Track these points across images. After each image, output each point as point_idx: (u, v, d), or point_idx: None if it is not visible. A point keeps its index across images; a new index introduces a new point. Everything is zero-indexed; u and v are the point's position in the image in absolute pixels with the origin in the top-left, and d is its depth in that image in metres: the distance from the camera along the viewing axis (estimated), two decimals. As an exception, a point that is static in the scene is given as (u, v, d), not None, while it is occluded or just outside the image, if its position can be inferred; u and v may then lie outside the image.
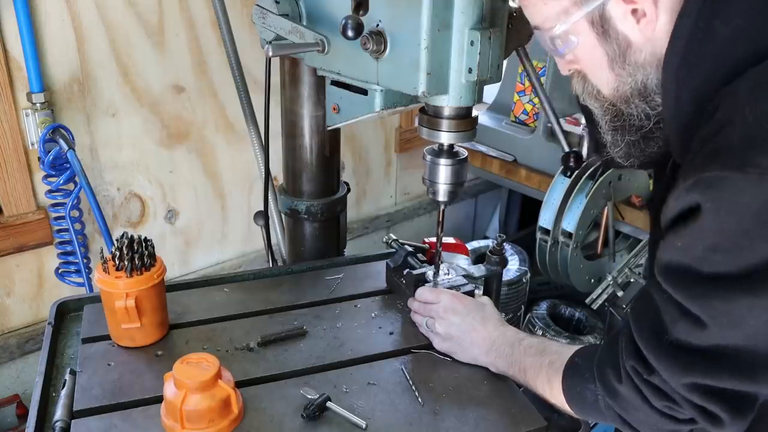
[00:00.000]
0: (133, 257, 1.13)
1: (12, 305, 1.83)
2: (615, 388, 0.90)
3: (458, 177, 1.18)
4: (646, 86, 0.87)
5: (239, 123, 1.98)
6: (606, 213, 2.09)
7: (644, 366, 0.85)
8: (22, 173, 1.71)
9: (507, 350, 1.12)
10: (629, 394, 0.88)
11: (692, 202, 0.75)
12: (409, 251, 1.40)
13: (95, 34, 1.75)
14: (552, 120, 1.30)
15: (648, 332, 0.85)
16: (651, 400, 0.86)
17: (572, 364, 1.01)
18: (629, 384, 0.88)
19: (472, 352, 1.16)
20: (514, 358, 1.10)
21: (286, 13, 1.20)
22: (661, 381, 0.84)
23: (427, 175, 1.19)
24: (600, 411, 0.95)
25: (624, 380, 0.88)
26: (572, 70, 0.96)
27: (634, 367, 0.86)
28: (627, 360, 0.87)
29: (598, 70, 0.90)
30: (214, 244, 2.22)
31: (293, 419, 1.02)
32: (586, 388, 0.96)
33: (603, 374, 0.92)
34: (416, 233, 2.77)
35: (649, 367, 0.84)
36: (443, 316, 1.19)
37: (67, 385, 1.07)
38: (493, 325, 1.17)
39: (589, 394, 0.95)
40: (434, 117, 1.11)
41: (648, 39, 0.83)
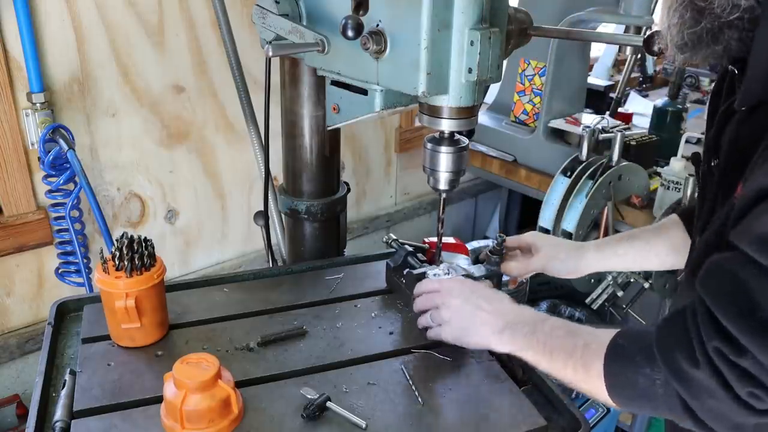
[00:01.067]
0: (133, 257, 1.13)
1: (12, 305, 1.83)
2: (687, 372, 0.81)
3: (459, 165, 1.17)
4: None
5: (239, 123, 1.98)
6: (606, 213, 2.09)
7: (732, 347, 0.76)
8: (22, 173, 1.71)
9: (526, 329, 1.04)
10: (707, 379, 0.79)
11: None
12: (409, 251, 1.40)
13: (95, 34, 1.75)
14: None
15: (734, 309, 0.76)
16: (734, 385, 0.78)
17: (616, 346, 0.91)
18: (709, 368, 0.79)
19: (481, 332, 1.08)
20: (537, 339, 1.01)
21: (286, 13, 1.20)
22: (754, 363, 0.75)
23: (427, 163, 1.18)
24: (654, 399, 0.86)
25: (702, 364, 0.79)
26: None
27: (719, 348, 0.77)
28: (709, 341, 0.78)
29: None
30: (214, 244, 2.22)
31: (293, 419, 1.02)
32: (639, 373, 0.86)
33: (670, 358, 0.83)
34: (416, 233, 2.77)
35: (738, 347, 0.76)
36: (444, 300, 1.14)
37: (67, 385, 1.07)
38: (503, 302, 1.10)
39: (643, 379, 0.86)
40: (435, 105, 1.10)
41: None
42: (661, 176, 2.08)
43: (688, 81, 3.27)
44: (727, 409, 0.80)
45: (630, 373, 0.88)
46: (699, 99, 3.24)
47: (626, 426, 2.43)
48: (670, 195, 2.04)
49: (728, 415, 0.81)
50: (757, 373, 0.76)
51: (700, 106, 3.12)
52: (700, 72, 3.40)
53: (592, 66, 3.18)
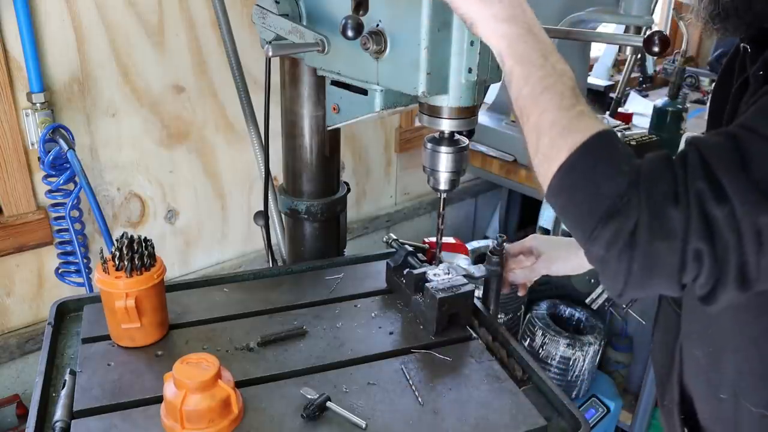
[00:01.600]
0: (133, 257, 1.13)
1: (12, 305, 1.83)
2: (663, 207, 0.74)
3: (459, 165, 1.17)
4: None
5: (239, 123, 1.98)
6: (606, 213, 2.09)
7: (715, 193, 0.72)
8: (22, 173, 1.71)
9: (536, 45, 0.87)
10: (675, 219, 0.73)
11: None
12: (409, 251, 1.40)
13: (95, 34, 1.75)
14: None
15: (729, 163, 0.72)
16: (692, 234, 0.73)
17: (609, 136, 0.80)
18: (684, 209, 0.73)
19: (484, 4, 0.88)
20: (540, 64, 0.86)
21: (286, 13, 1.20)
22: (728, 214, 0.71)
23: (427, 163, 1.18)
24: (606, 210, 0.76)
25: (682, 203, 0.74)
26: None
27: (701, 191, 0.73)
28: (694, 181, 0.73)
29: None
30: (214, 244, 2.22)
31: (293, 419, 1.02)
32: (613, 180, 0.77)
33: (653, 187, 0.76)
34: (416, 233, 2.77)
35: (721, 194, 0.72)
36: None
37: (67, 385, 1.07)
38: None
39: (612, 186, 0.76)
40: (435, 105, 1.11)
41: None
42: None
43: (688, 81, 3.27)
44: (666, 260, 0.75)
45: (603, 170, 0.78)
46: (699, 99, 3.24)
47: (626, 426, 2.43)
48: (670, 195, 2.04)
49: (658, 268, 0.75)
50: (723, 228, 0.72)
51: (700, 106, 3.12)
52: (700, 72, 3.40)
53: (592, 66, 3.18)
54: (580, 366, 2.27)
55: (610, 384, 2.47)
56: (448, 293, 1.24)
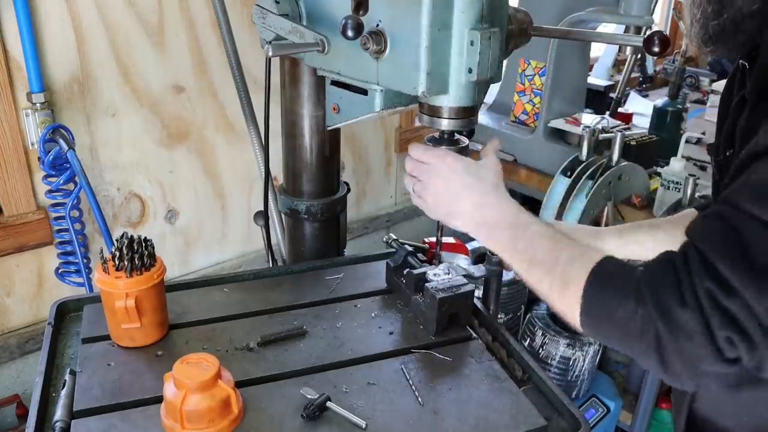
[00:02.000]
0: (133, 257, 1.13)
1: (12, 305, 1.83)
2: (673, 312, 0.78)
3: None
4: None
5: (239, 123, 1.98)
6: (606, 213, 2.09)
7: (723, 288, 0.75)
8: (22, 173, 1.71)
9: (506, 233, 0.99)
10: (691, 319, 0.77)
11: None
12: (409, 251, 1.40)
13: (95, 34, 1.75)
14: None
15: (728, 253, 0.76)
16: (715, 328, 0.76)
17: (602, 270, 0.87)
18: (696, 309, 0.77)
19: (459, 224, 1.04)
20: (517, 246, 0.97)
21: (286, 13, 1.20)
22: (741, 306, 0.75)
23: None
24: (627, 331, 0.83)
25: (691, 304, 0.77)
26: None
27: (710, 289, 0.76)
28: (700, 282, 0.77)
29: None
30: (214, 244, 2.22)
31: (293, 419, 1.02)
32: (621, 304, 0.83)
33: (657, 296, 0.80)
34: (416, 233, 2.77)
35: (730, 289, 0.75)
36: (428, 180, 1.07)
37: (67, 385, 1.07)
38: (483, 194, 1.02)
39: (623, 310, 0.83)
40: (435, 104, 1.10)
41: None
42: (661, 176, 2.08)
43: (688, 81, 3.27)
44: (700, 353, 0.79)
45: (611, 300, 0.85)
46: (699, 99, 3.24)
47: (626, 426, 2.43)
48: (670, 195, 2.04)
49: (697, 360, 0.80)
50: (742, 317, 0.76)
51: (700, 106, 3.12)
52: (700, 72, 3.40)
53: (592, 66, 3.18)
54: (580, 366, 2.27)
55: (610, 384, 2.47)
56: (448, 293, 1.24)
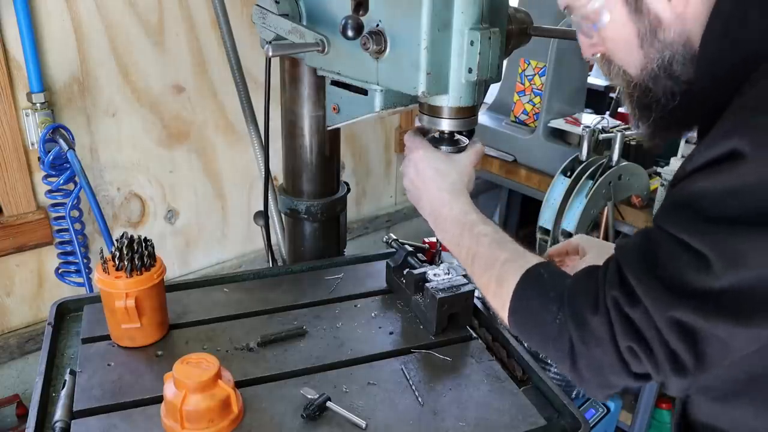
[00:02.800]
0: (133, 257, 1.13)
1: (12, 305, 1.83)
2: (585, 318, 0.83)
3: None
4: (672, 64, 0.87)
5: (239, 123, 1.98)
6: (606, 213, 2.09)
7: (628, 297, 0.79)
8: (22, 173, 1.71)
9: (454, 230, 1.07)
10: (599, 326, 0.81)
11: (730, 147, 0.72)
12: (409, 251, 1.40)
13: (95, 34, 1.75)
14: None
15: (639, 264, 0.80)
16: (619, 336, 0.80)
17: (536, 273, 0.93)
18: (603, 315, 0.81)
19: (422, 213, 1.15)
20: (462, 241, 1.04)
21: (286, 13, 1.20)
22: (642, 314, 0.78)
23: None
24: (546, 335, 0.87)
25: (600, 311, 0.81)
26: (596, 53, 0.96)
27: (616, 297, 0.80)
28: (609, 290, 0.81)
29: (626, 49, 0.90)
30: (214, 244, 2.22)
31: (293, 419, 1.02)
32: (546, 308, 0.88)
33: (574, 301, 0.85)
34: (416, 233, 2.77)
35: (633, 298, 0.79)
36: (406, 165, 1.16)
37: (67, 385, 1.07)
38: (444, 189, 1.10)
39: (547, 315, 0.87)
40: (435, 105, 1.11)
41: (678, 16, 0.84)
42: (661, 176, 2.08)
43: (688, 81, 3.27)
44: (607, 362, 0.82)
45: (537, 303, 0.89)
46: (699, 99, 3.23)
47: (626, 426, 2.43)
48: (670, 195, 2.04)
49: (605, 370, 0.83)
50: (643, 327, 0.78)
51: (700, 106, 3.12)
52: (700, 72, 3.39)
53: (592, 66, 3.17)
54: (580, 366, 2.27)
55: (610, 384, 2.47)
56: (448, 293, 1.24)
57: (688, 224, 0.76)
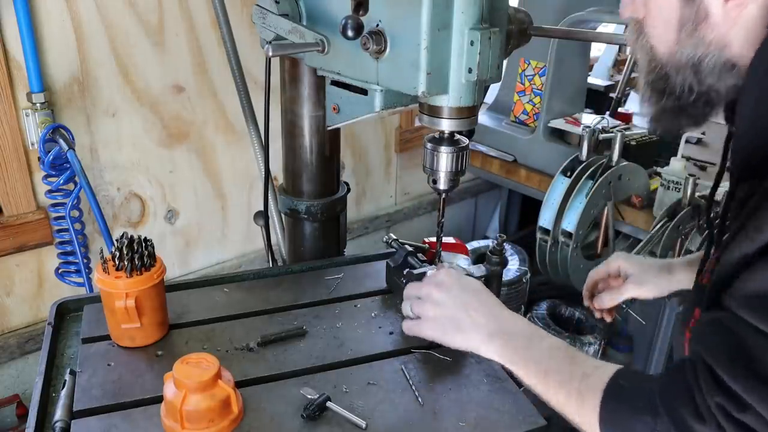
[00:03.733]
0: (133, 257, 1.13)
1: (12, 305, 1.83)
2: (692, 427, 0.81)
3: (459, 165, 1.17)
4: (701, 63, 0.84)
5: (239, 123, 1.98)
6: (606, 213, 2.09)
7: (734, 402, 0.77)
8: (22, 173, 1.71)
9: (522, 342, 0.99)
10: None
11: None
12: (409, 251, 1.40)
13: (95, 34, 1.75)
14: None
15: (735, 365, 0.78)
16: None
17: (616, 386, 0.90)
18: (712, 423, 0.79)
19: (468, 335, 1.02)
20: (532, 355, 0.98)
21: (286, 13, 1.20)
22: (756, 417, 0.76)
23: (427, 163, 1.18)
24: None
25: (708, 419, 0.79)
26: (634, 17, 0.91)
27: (721, 404, 0.78)
28: (711, 396, 0.79)
29: (664, 27, 0.86)
30: (214, 244, 2.22)
31: (293, 419, 1.02)
32: (638, 419, 0.86)
33: (675, 412, 0.83)
34: (416, 233, 2.77)
35: (740, 403, 0.77)
36: (430, 293, 1.06)
37: (67, 385, 1.07)
38: (496, 306, 1.04)
39: (641, 425, 0.85)
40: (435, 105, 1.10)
41: (727, 19, 0.81)
42: (661, 176, 2.08)
43: (688, 81, 3.27)
44: None
45: (628, 415, 0.88)
46: (699, 99, 3.24)
47: (626, 426, 2.42)
48: (670, 195, 2.04)
49: None
50: (757, 427, 0.77)
51: (700, 106, 3.12)
52: (700, 72, 3.39)
53: (592, 66, 3.18)
54: (580, 366, 2.27)
55: (610, 384, 2.47)
56: (448, 293, 1.23)
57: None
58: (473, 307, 1.03)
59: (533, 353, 0.98)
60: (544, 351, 0.98)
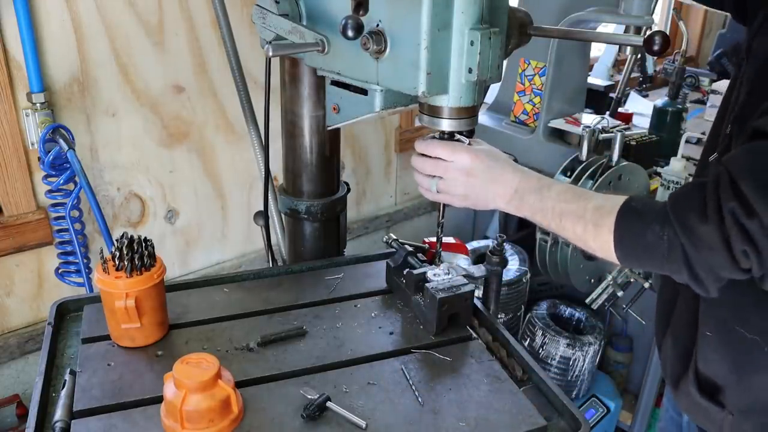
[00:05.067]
0: (133, 257, 1.13)
1: (12, 305, 1.83)
2: (695, 227, 0.89)
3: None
4: None
5: (239, 123, 1.98)
6: (606, 213, 2.09)
7: (745, 208, 0.85)
8: (22, 173, 1.71)
9: (532, 198, 1.09)
10: (711, 234, 0.88)
11: None
12: (409, 251, 1.40)
13: (95, 34, 1.75)
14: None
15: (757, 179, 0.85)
16: (734, 242, 0.87)
17: (629, 207, 0.99)
18: (716, 224, 0.87)
19: (492, 203, 1.14)
20: (545, 205, 1.08)
21: (286, 13, 1.20)
22: (759, 226, 0.84)
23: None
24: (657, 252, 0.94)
25: (711, 220, 0.88)
26: None
27: (733, 208, 0.86)
28: (727, 201, 0.87)
29: None
30: (214, 244, 2.22)
31: (293, 419, 1.02)
32: (648, 229, 0.94)
33: (681, 214, 0.91)
34: (416, 233, 2.77)
35: (750, 209, 0.85)
36: (459, 177, 1.14)
37: (67, 385, 1.07)
38: (506, 169, 1.13)
39: (651, 235, 0.94)
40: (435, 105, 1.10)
41: None
42: (661, 176, 2.08)
43: (688, 81, 3.27)
44: (719, 262, 0.90)
45: (639, 228, 0.96)
46: (699, 99, 3.24)
47: (626, 426, 2.43)
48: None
49: (718, 268, 0.91)
50: (757, 235, 0.85)
51: (700, 106, 3.12)
52: (700, 72, 3.40)
53: (592, 66, 3.18)
54: (580, 366, 2.27)
55: (610, 384, 2.47)
56: (448, 293, 1.24)
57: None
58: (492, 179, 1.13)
59: (545, 203, 1.08)
60: (553, 197, 1.07)
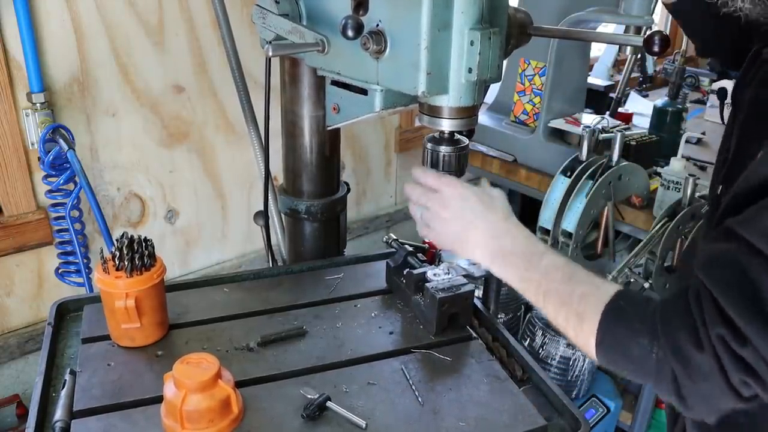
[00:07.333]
0: (133, 257, 1.13)
1: (12, 305, 1.83)
2: (689, 355, 0.81)
3: (459, 165, 1.17)
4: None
5: (239, 123, 1.98)
6: (606, 213, 2.09)
7: (736, 335, 0.78)
8: (22, 173, 1.71)
9: (520, 263, 0.99)
10: (707, 363, 0.80)
11: None
12: (409, 251, 1.40)
13: (95, 34, 1.75)
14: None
15: (741, 300, 0.77)
16: (730, 372, 0.79)
17: (616, 306, 0.89)
18: (710, 352, 0.79)
19: (473, 254, 1.04)
20: (531, 276, 0.98)
21: (286, 12, 1.20)
22: (754, 353, 0.77)
23: (427, 163, 1.19)
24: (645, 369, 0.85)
25: (706, 348, 0.80)
26: None
27: (723, 336, 0.78)
28: (713, 328, 0.79)
29: None
30: (214, 244, 2.22)
31: (293, 419, 1.02)
32: (635, 342, 0.85)
33: (673, 337, 0.83)
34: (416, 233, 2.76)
35: (741, 337, 0.77)
36: (438, 210, 1.07)
37: (67, 385, 1.07)
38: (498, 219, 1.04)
39: (638, 349, 0.85)
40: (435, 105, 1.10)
41: None
42: (661, 176, 2.08)
43: (688, 81, 3.27)
44: (717, 394, 0.82)
45: (625, 338, 0.87)
46: (699, 99, 3.24)
47: (626, 426, 2.43)
48: (670, 195, 2.04)
49: (715, 400, 0.83)
50: (754, 363, 0.78)
51: (700, 106, 3.12)
52: (700, 72, 3.40)
53: (592, 66, 3.18)
54: (580, 366, 2.27)
55: (610, 384, 2.47)
56: (448, 293, 1.24)
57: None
58: (476, 226, 1.04)
59: (532, 274, 0.98)
60: (542, 272, 0.97)
